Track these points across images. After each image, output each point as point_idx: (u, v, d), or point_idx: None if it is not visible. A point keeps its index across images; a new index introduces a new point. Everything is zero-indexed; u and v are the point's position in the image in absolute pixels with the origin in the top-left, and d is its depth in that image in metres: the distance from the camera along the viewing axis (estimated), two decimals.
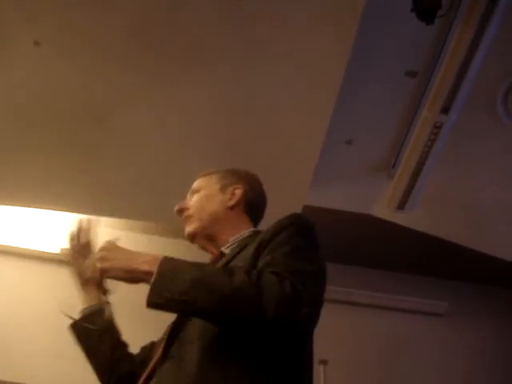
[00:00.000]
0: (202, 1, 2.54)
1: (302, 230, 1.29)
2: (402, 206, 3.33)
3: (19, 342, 3.34)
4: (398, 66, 2.88)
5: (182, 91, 2.84)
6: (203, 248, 1.54)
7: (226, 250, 1.44)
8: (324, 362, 3.21)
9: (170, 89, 2.83)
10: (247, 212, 1.56)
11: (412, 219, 3.46)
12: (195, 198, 1.57)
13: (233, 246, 1.44)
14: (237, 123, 2.97)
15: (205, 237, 1.51)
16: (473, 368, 3.87)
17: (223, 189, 1.56)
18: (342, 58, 2.65)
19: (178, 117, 2.97)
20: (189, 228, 1.52)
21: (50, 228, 3.65)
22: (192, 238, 1.52)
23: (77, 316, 1.50)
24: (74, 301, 1.48)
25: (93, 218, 1.60)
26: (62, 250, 1.57)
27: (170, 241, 3.70)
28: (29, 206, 3.54)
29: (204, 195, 1.56)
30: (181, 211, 1.56)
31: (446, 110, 2.84)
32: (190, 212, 1.54)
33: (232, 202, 1.53)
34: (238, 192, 1.55)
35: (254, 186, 1.60)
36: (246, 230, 1.49)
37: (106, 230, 1.51)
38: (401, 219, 3.49)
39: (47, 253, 3.57)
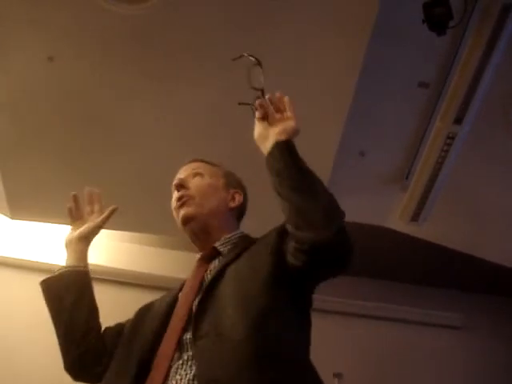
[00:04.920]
0: (207, 1, 2.50)
1: None
2: (415, 217, 3.30)
3: (16, 354, 3.28)
4: (410, 77, 2.87)
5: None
6: (193, 236, 1.48)
7: (220, 247, 1.42)
8: (339, 376, 3.17)
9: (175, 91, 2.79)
10: (237, 218, 1.57)
11: (426, 230, 3.43)
12: (198, 181, 1.52)
13: (227, 246, 1.43)
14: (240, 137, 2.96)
15: (201, 224, 1.46)
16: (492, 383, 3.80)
17: (226, 187, 1.55)
18: (354, 69, 2.65)
19: (182, 122, 2.94)
20: (189, 209, 1.45)
21: (48, 240, 3.59)
22: (189, 220, 1.45)
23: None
24: None
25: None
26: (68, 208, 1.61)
27: (171, 252, 3.67)
28: (28, 220, 3.51)
29: (209, 184, 1.52)
30: (181, 187, 1.49)
31: (459, 120, 2.82)
32: (192, 193, 1.48)
33: (233, 205, 1.54)
34: (239, 198, 1.56)
35: (247, 198, 1.61)
36: (236, 232, 1.49)
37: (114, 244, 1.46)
38: (415, 231, 3.46)
39: (45, 264, 3.50)
